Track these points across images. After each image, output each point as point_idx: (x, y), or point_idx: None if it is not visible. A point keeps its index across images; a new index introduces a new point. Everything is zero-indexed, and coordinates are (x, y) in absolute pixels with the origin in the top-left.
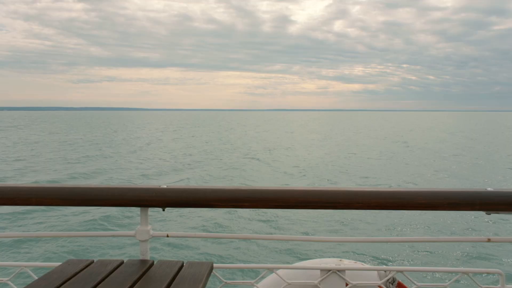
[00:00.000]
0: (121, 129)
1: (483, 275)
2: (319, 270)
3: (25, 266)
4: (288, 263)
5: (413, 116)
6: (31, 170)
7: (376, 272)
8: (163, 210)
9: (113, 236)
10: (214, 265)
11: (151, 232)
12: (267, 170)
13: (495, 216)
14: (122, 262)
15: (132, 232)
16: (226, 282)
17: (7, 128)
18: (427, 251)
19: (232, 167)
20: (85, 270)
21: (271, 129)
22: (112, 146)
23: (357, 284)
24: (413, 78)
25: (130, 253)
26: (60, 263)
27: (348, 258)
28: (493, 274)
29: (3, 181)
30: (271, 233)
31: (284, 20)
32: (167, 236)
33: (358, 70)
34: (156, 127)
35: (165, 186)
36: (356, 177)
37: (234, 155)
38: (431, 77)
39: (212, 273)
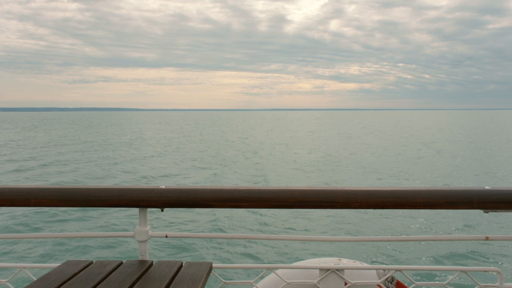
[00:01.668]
0: (138, 129)
1: (481, 273)
2: (318, 270)
3: (24, 267)
4: (287, 262)
5: (413, 115)
6: (101, 172)
7: (375, 271)
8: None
9: (112, 236)
10: (213, 265)
11: (150, 232)
12: (344, 171)
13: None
14: (121, 263)
15: (131, 233)
16: (225, 282)
17: (17, 128)
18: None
19: (303, 167)
20: (84, 270)
21: (293, 129)
22: (148, 145)
23: (356, 283)
24: (409, 77)
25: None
26: (59, 264)
27: (347, 258)
28: (491, 272)
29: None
30: (270, 233)
31: (280, 19)
32: (166, 236)
33: (354, 69)
34: (172, 127)
35: (163, 187)
36: (435, 177)
37: (292, 155)
38: (427, 76)
39: (211, 273)
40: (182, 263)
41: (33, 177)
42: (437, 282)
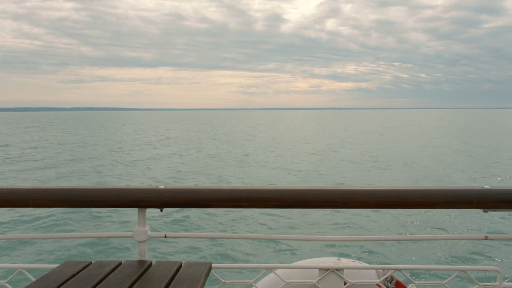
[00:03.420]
0: (154, 127)
1: (481, 272)
2: (317, 269)
3: (23, 268)
4: (286, 262)
5: (414, 114)
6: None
7: (374, 270)
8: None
9: (111, 237)
10: (213, 265)
11: (149, 232)
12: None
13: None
14: (120, 263)
15: (130, 233)
16: (224, 282)
17: (30, 128)
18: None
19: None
20: (83, 271)
21: (316, 128)
22: (183, 145)
23: (356, 283)
24: (405, 76)
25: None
26: (58, 265)
27: (346, 257)
28: (491, 271)
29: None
30: (270, 233)
31: (276, 18)
32: (165, 236)
33: (350, 68)
34: (187, 127)
35: (162, 187)
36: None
37: (354, 157)
38: (423, 75)
39: (210, 273)
40: (181, 263)
41: (113, 177)
42: (437, 281)
